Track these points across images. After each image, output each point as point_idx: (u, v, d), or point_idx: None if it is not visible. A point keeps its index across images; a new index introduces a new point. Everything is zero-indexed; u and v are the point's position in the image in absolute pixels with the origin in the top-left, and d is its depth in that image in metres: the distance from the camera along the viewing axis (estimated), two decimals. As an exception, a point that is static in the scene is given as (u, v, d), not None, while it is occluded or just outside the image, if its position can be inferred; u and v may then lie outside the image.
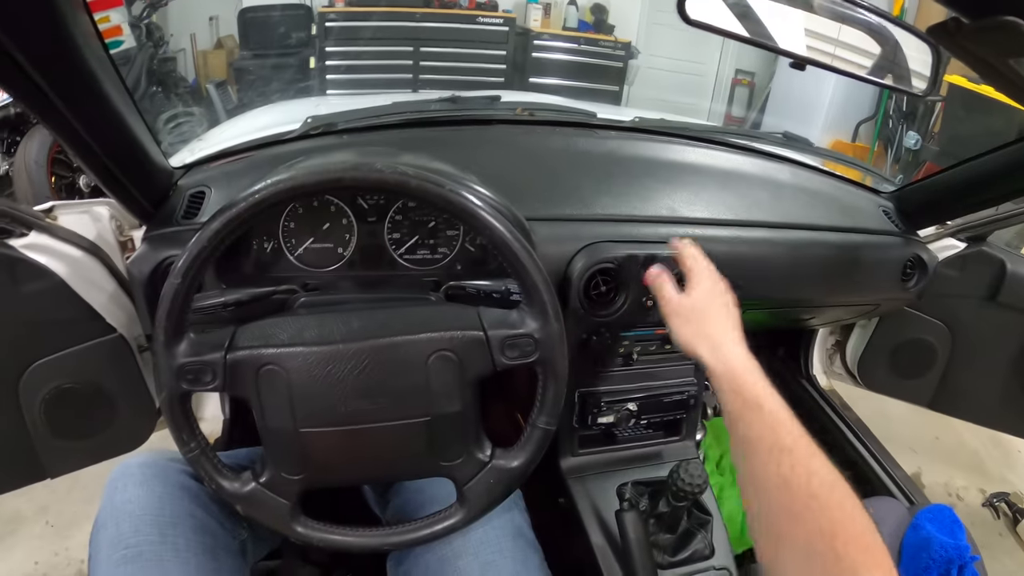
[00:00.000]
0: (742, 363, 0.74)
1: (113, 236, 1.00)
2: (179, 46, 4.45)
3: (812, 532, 0.57)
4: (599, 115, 1.32)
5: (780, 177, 1.28)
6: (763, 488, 0.64)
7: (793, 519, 0.60)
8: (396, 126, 1.15)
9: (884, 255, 1.26)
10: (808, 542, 0.57)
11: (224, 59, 4.62)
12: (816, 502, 0.59)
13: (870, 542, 0.56)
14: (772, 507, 0.62)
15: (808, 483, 0.60)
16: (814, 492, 0.59)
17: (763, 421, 0.67)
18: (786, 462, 0.62)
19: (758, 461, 0.65)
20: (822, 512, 0.58)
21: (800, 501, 0.59)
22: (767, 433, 0.66)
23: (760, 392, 0.70)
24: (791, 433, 0.65)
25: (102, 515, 0.78)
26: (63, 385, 0.99)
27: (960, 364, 1.51)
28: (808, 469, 0.61)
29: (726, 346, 0.77)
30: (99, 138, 0.77)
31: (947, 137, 4.08)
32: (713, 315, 0.81)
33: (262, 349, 0.71)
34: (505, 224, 0.71)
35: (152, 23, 3.97)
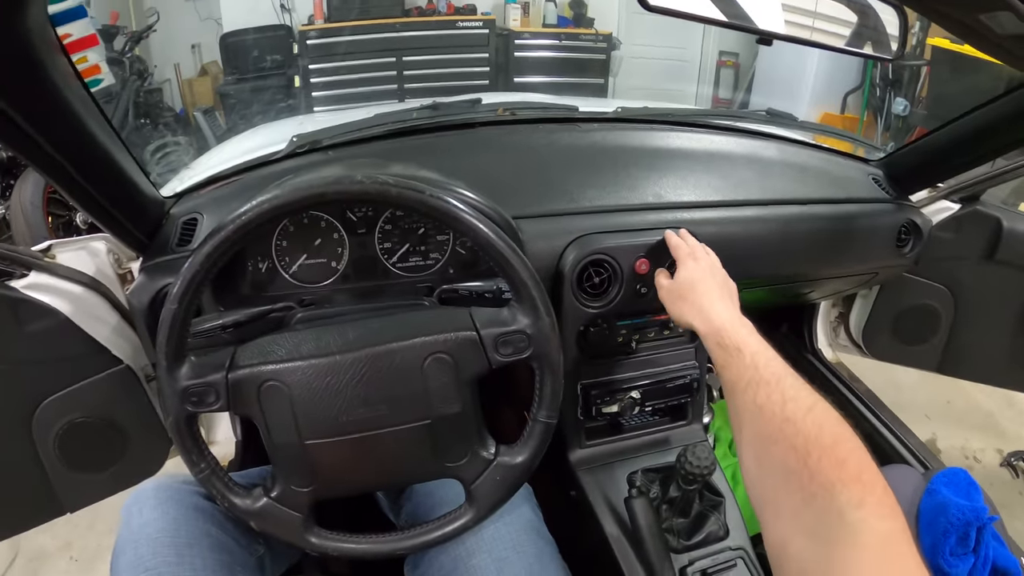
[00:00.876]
0: (727, 319, 0.78)
1: (112, 269, 1.01)
2: (164, 77, 4.48)
3: (786, 451, 0.58)
4: (581, 108, 1.32)
5: (766, 154, 1.28)
6: (742, 420, 0.67)
7: (768, 442, 0.61)
8: (380, 137, 1.16)
9: (877, 223, 1.26)
10: (784, 462, 0.58)
11: (210, 85, 4.65)
12: (790, 425, 0.60)
13: (845, 457, 0.56)
14: (749, 435, 0.65)
15: (783, 408, 0.62)
16: (788, 416, 0.61)
17: (743, 363, 0.71)
18: (762, 392, 0.65)
19: (737, 397, 0.68)
20: (796, 433, 0.59)
21: (774, 425, 0.61)
22: (747, 372, 0.69)
23: (741, 340, 0.74)
24: (770, 369, 0.68)
25: (121, 541, 0.79)
26: (75, 419, 1.00)
27: (964, 326, 1.51)
28: (783, 396, 0.63)
29: (711, 308, 0.81)
30: (88, 176, 0.78)
31: (935, 100, 4.06)
32: (700, 286, 0.85)
33: (262, 366, 0.72)
34: (488, 224, 0.72)
35: (135, 56, 4.00)
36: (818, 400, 0.62)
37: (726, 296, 0.84)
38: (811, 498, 0.54)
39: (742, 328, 0.76)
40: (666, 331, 1.08)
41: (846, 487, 0.53)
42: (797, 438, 0.58)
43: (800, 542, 0.54)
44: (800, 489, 0.56)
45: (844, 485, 0.53)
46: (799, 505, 0.55)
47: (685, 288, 0.86)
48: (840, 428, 0.59)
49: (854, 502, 0.52)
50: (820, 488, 0.54)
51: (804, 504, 0.55)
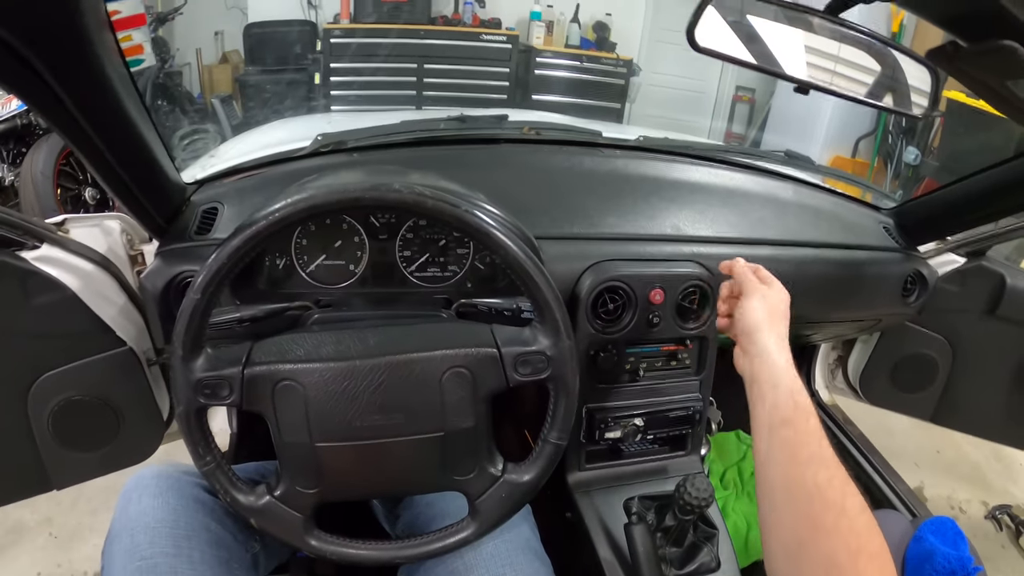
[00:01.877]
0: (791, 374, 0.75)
1: (124, 250, 1.01)
2: (185, 60, 4.48)
3: (838, 548, 0.58)
4: (604, 134, 1.34)
5: (783, 195, 1.30)
6: (794, 496, 0.64)
7: (820, 532, 0.60)
8: (405, 144, 1.17)
9: (885, 271, 1.27)
10: (831, 556, 0.58)
11: (229, 74, 4.65)
12: (847, 520, 0.59)
13: (885, 563, 0.57)
14: (799, 516, 0.62)
15: (843, 499, 0.60)
16: (846, 509, 0.60)
17: (807, 430, 0.67)
18: (823, 474, 0.63)
19: (796, 468, 0.65)
20: (851, 530, 0.58)
21: (832, 514, 0.60)
22: (811, 443, 0.66)
23: (808, 406, 0.70)
24: (828, 449, 0.65)
25: (116, 526, 0.78)
26: (72, 397, 1.00)
27: (961, 378, 1.52)
28: (844, 485, 0.62)
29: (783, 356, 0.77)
30: (117, 152, 0.78)
31: (946, 152, 4.09)
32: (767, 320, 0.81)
33: (279, 364, 0.72)
34: (518, 243, 0.72)
35: (159, 37, 4.01)
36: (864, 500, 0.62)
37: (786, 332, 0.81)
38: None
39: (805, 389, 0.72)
40: (673, 362, 1.09)
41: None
42: (851, 536, 0.58)
43: None
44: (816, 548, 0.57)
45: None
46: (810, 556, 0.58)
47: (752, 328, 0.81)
48: (880, 536, 0.59)
49: None
50: None
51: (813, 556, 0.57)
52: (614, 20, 5.04)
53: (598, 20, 5.02)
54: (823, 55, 0.81)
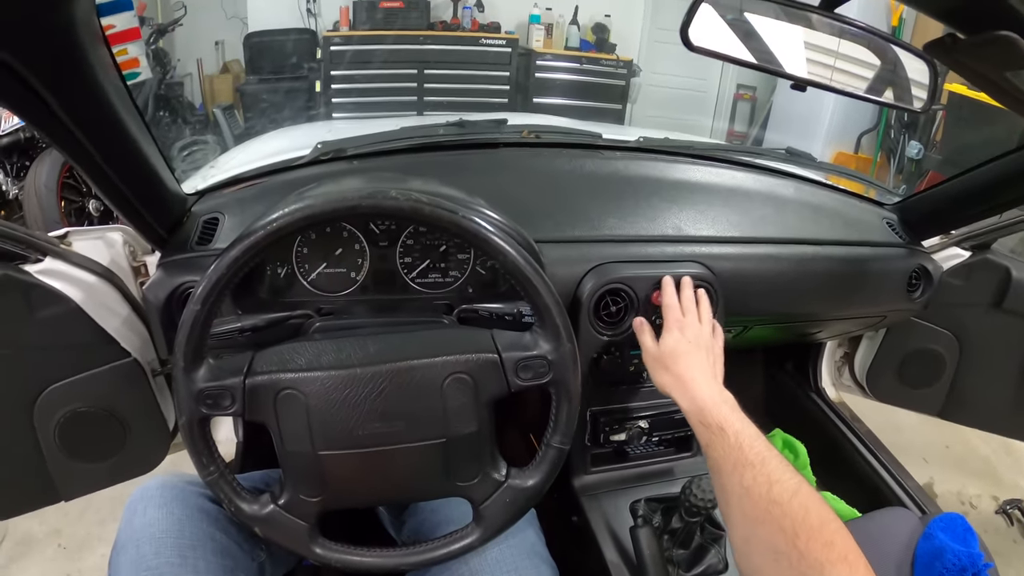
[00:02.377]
0: (709, 397, 0.80)
1: (127, 262, 1.02)
2: (186, 71, 4.51)
3: (774, 533, 0.62)
4: (604, 136, 1.33)
5: (784, 193, 1.29)
6: (729, 500, 0.70)
7: (756, 524, 0.64)
8: (404, 151, 1.17)
9: (889, 267, 1.27)
10: (772, 543, 0.62)
11: (230, 83, 4.67)
12: (777, 507, 0.63)
13: (831, 538, 0.59)
14: (737, 516, 0.68)
15: (769, 491, 0.65)
16: (775, 499, 0.64)
17: (727, 443, 0.72)
18: (748, 474, 0.68)
19: (724, 478, 0.71)
20: (783, 516, 0.62)
21: (761, 507, 0.64)
22: (731, 452, 0.71)
23: (723, 419, 0.75)
24: (755, 451, 0.70)
25: (122, 537, 0.78)
26: (78, 409, 1.00)
27: (968, 372, 1.51)
28: (769, 479, 0.66)
29: (695, 384, 0.82)
30: (115, 166, 0.79)
31: (949, 146, 4.08)
32: (683, 358, 0.86)
33: (280, 374, 0.72)
34: (517, 248, 0.72)
35: (159, 49, 4.04)
36: (802, 482, 0.66)
37: (708, 370, 0.85)
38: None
39: (723, 405, 0.78)
40: None
41: (835, 567, 0.57)
42: (784, 520, 0.62)
43: None
44: (790, 568, 0.59)
45: (832, 565, 0.57)
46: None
47: (668, 359, 0.87)
48: (825, 511, 0.62)
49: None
50: (809, 568, 0.58)
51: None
52: (613, 21, 5.05)
53: (597, 22, 5.03)
54: (821, 51, 0.81)
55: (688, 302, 0.95)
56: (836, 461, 1.55)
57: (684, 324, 0.91)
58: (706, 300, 0.97)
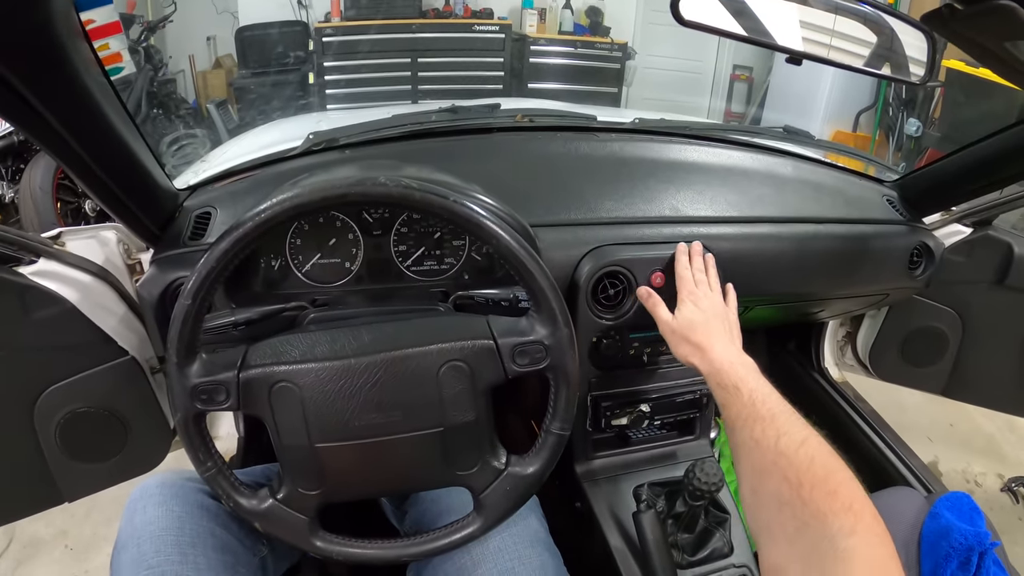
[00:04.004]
0: (726, 359, 0.81)
1: (121, 260, 1.01)
2: (178, 67, 4.49)
3: (780, 483, 0.62)
4: (599, 118, 1.32)
5: (783, 171, 1.28)
6: (740, 454, 0.71)
7: (763, 475, 0.65)
8: (397, 139, 1.15)
9: (890, 244, 1.25)
10: (778, 493, 0.62)
11: (223, 78, 4.65)
12: (783, 458, 0.64)
13: (835, 487, 0.59)
14: (747, 468, 0.69)
15: (776, 443, 0.66)
16: (781, 450, 0.65)
17: (740, 401, 0.74)
18: (758, 428, 0.69)
19: (736, 433, 0.73)
20: (788, 466, 0.63)
21: (768, 458, 0.65)
22: (745, 410, 0.73)
23: (739, 378, 0.77)
24: (767, 405, 0.72)
25: (122, 536, 0.78)
26: (77, 409, 1.00)
27: (972, 350, 1.50)
28: (778, 431, 0.67)
29: (713, 349, 0.84)
30: (103, 164, 0.78)
31: (948, 122, 4.04)
32: (701, 328, 0.88)
33: (274, 367, 0.71)
34: (510, 232, 0.71)
35: (150, 46, 4.01)
36: (811, 434, 0.66)
37: (725, 335, 0.87)
38: (804, 527, 0.58)
39: (740, 367, 0.80)
40: None
41: (837, 516, 0.56)
42: (790, 470, 0.62)
43: (795, 569, 0.57)
44: (793, 518, 0.59)
45: (835, 514, 0.56)
46: (793, 533, 0.59)
47: (686, 329, 0.88)
48: (831, 460, 0.63)
49: (845, 530, 0.55)
50: (812, 517, 0.58)
51: (798, 532, 0.58)
52: (607, 4, 5.00)
53: (591, 5, 4.99)
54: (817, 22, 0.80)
55: (699, 272, 0.97)
56: (840, 441, 1.54)
57: (698, 295, 0.92)
58: (714, 267, 0.99)
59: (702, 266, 0.98)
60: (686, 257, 0.98)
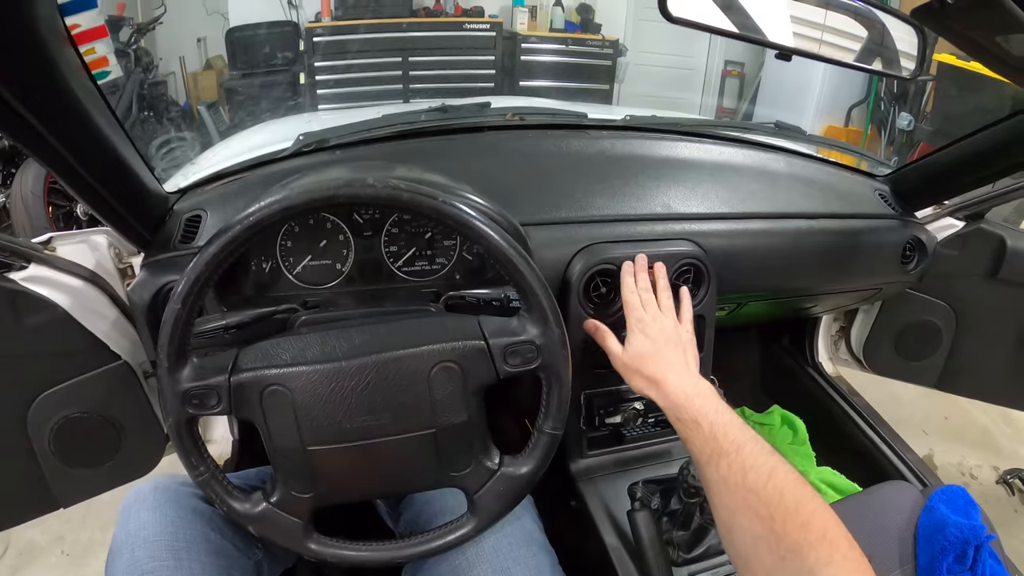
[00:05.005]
0: (682, 392, 0.79)
1: (112, 264, 1.00)
2: (169, 69, 4.46)
3: (751, 519, 0.62)
4: (590, 115, 1.32)
5: (774, 167, 1.28)
6: (709, 490, 0.70)
7: (735, 512, 0.65)
8: (387, 139, 1.15)
9: (883, 239, 1.26)
10: (751, 529, 0.62)
11: (214, 80, 4.63)
12: (752, 495, 0.63)
13: (808, 518, 0.59)
14: (717, 505, 0.68)
15: (744, 479, 0.65)
16: (749, 486, 0.64)
17: (702, 436, 0.72)
18: (723, 464, 0.68)
19: (703, 469, 0.71)
20: (759, 502, 0.62)
21: (738, 496, 0.65)
22: (708, 444, 0.71)
23: (697, 411, 0.75)
24: (730, 437, 0.70)
25: (116, 542, 0.78)
26: (71, 415, 1.00)
27: (965, 343, 1.51)
28: (743, 466, 0.66)
29: (667, 383, 0.81)
30: (91, 168, 0.77)
31: (940, 116, 4.06)
32: (651, 359, 0.85)
33: (265, 370, 0.71)
34: (500, 232, 0.71)
35: (140, 48, 3.99)
36: (778, 463, 0.66)
37: (679, 362, 0.84)
38: (781, 561, 0.58)
39: (696, 398, 0.77)
40: None
41: (813, 548, 0.56)
42: (760, 507, 0.62)
43: None
44: (770, 552, 0.59)
45: (811, 546, 0.57)
46: (771, 568, 0.59)
47: (637, 362, 0.86)
48: (801, 489, 0.62)
49: (822, 560, 0.55)
50: (788, 551, 0.58)
51: (775, 568, 0.59)
52: (597, 1, 5.01)
53: (582, 2, 4.98)
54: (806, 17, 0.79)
55: (646, 292, 0.93)
56: (835, 436, 1.54)
57: (646, 322, 0.88)
58: (664, 278, 0.95)
59: (648, 284, 0.94)
60: (631, 278, 0.94)
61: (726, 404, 0.76)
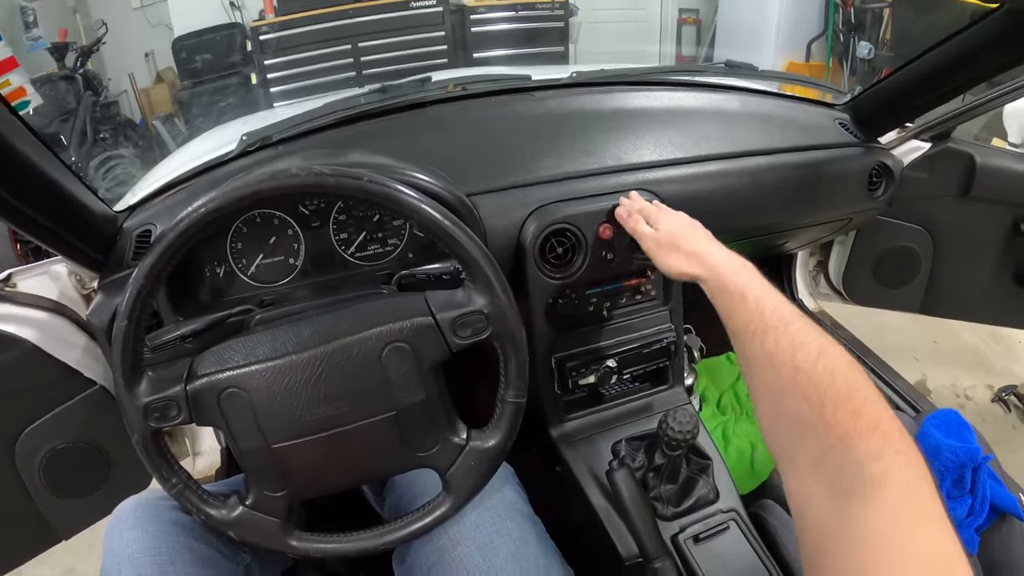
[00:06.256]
0: (724, 262, 0.75)
1: (76, 291, 1.00)
2: (120, 88, 4.40)
3: (800, 402, 0.56)
4: (534, 77, 1.29)
5: (728, 107, 1.26)
6: (752, 369, 0.64)
7: (781, 393, 0.59)
8: (330, 127, 1.13)
9: (847, 167, 1.24)
10: (798, 413, 0.56)
11: (167, 92, 4.56)
12: (801, 374, 0.58)
13: (860, 405, 0.53)
14: (761, 385, 0.63)
15: (793, 356, 0.59)
16: (798, 364, 0.58)
17: (747, 309, 0.68)
18: (770, 339, 0.62)
19: (746, 345, 0.66)
20: (808, 383, 0.57)
21: (786, 375, 0.59)
22: (753, 318, 0.66)
23: (743, 283, 0.71)
24: (778, 314, 0.65)
25: (105, 564, 0.78)
26: (57, 446, 1.00)
27: (944, 265, 1.50)
28: (793, 343, 0.60)
29: (708, 252, 0.78)
30: (28, 201, 0.76)
31: (899, 42, 4.04)
32: (687, 233, 0.83)
33: (218, 374, 0.70)
34: (433, 204, 0.70)
35: (88, 71, 3.92)
36: (829, 343, 0.60)
37: (713, 239, 0.81)
38: (829, 450, 0.52)
39: (742, 270, 0.73)
40: (638, 296, 1.06)
41: (863, 438, 0.51)
42: (809, 387, 0.56)
43: (820, 496, 0.52)
44: (817, 441, 0.54)
45: (861, 436, 0.51)
46: (817, 457, 0.53)
47: (675, 237, 0.83)
48: (853, 374, 0.56)
49: (872, 453, 0.50)
50: (837, 440, 0.52)
51: (822, 456, 0.53)
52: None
53: (527, -34, 4.87)
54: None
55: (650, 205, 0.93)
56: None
57: (666, 210, 0.88)
58: None
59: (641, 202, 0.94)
60: (628, 200, 0.95)
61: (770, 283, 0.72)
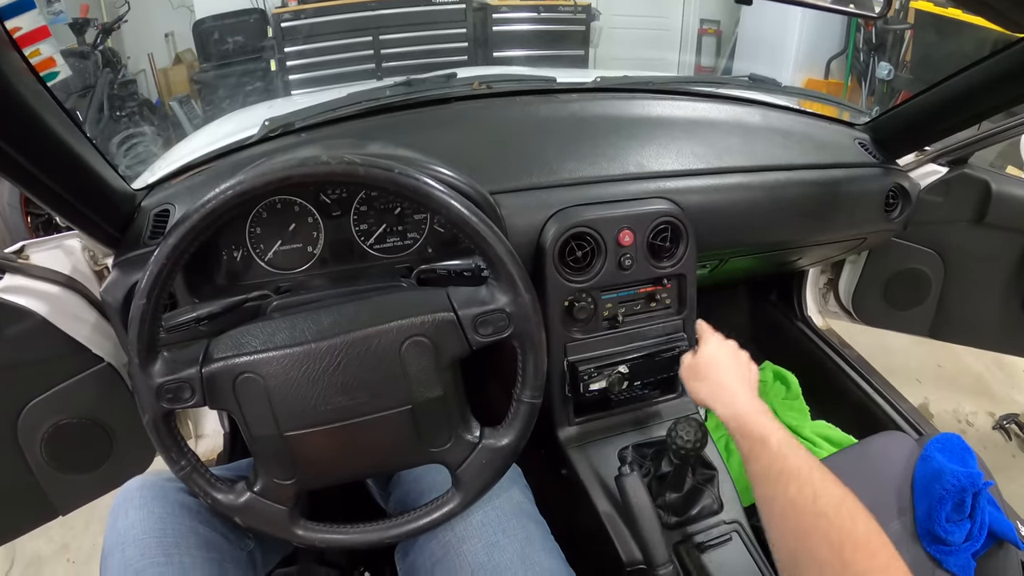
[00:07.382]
0: (748, 406, 0.79)
1: (88, 267, 1.00)
2: (139, 67, 4.40)
3: (820, 544, 0.62)
4: (559, 79, 1.29)
5: (750, 120, 1.26)
6: (772, 510, 0.69)
7: (803, 536, 0.64)
8: (354, 117, 1.13)
9: (865, 187, 1.24)
10: (816, 555, 0.62)
11: (185, 74, 4.56)
12: (823, 520, 0.63)
13: (876, 549, 0.60)
14: (782, 525, 0.67)
15: (815, 503, 0.64)
16: (821, 510, 0.64)
17: (769, 453, 0.72)
18: (793, 485, 0.67)
19: (768, 489, 0.70)
20: (831, 527, 0.62)
21: (808, 520, 0.64)
22: (775, 462, 0.70)
23: (766, 428, 0.75)
24: (798, 459, 0.70)
25: (108, 542, 0.78)
26: (60, 421, 0.99)
27: (955, 290, 1.50)
28: (815, 491, 0.65)
29: (734, 394, 0.82)
30: (50, 172, 0.76)
31: (919, 64, 4.03)
32: (721, 369, 0.87)
33: (236, 358, 0.70)
34: (462, 200, 0.69)
35: (107, 48, 3.92)
36: (847, 493, 0.66)
37: (746, 381, 0.86)
38: None
39: (763, 416, 0.77)
40: (652, 303, 1.07)
41: None
42: (832, 532, 0.62)
43: None
44: None
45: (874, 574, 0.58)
46: None
47: (706, 367, 0.88)
48: (870, 522, 0.63)
49: None
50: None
51: None
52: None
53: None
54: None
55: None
56: (828, 389, 1.54)
57: (720, 337, 0.93)
58: None
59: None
60: None
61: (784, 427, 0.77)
